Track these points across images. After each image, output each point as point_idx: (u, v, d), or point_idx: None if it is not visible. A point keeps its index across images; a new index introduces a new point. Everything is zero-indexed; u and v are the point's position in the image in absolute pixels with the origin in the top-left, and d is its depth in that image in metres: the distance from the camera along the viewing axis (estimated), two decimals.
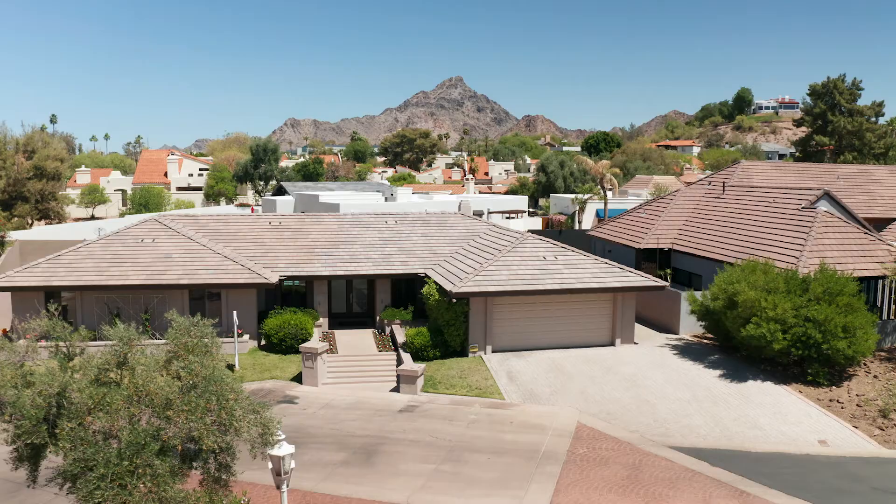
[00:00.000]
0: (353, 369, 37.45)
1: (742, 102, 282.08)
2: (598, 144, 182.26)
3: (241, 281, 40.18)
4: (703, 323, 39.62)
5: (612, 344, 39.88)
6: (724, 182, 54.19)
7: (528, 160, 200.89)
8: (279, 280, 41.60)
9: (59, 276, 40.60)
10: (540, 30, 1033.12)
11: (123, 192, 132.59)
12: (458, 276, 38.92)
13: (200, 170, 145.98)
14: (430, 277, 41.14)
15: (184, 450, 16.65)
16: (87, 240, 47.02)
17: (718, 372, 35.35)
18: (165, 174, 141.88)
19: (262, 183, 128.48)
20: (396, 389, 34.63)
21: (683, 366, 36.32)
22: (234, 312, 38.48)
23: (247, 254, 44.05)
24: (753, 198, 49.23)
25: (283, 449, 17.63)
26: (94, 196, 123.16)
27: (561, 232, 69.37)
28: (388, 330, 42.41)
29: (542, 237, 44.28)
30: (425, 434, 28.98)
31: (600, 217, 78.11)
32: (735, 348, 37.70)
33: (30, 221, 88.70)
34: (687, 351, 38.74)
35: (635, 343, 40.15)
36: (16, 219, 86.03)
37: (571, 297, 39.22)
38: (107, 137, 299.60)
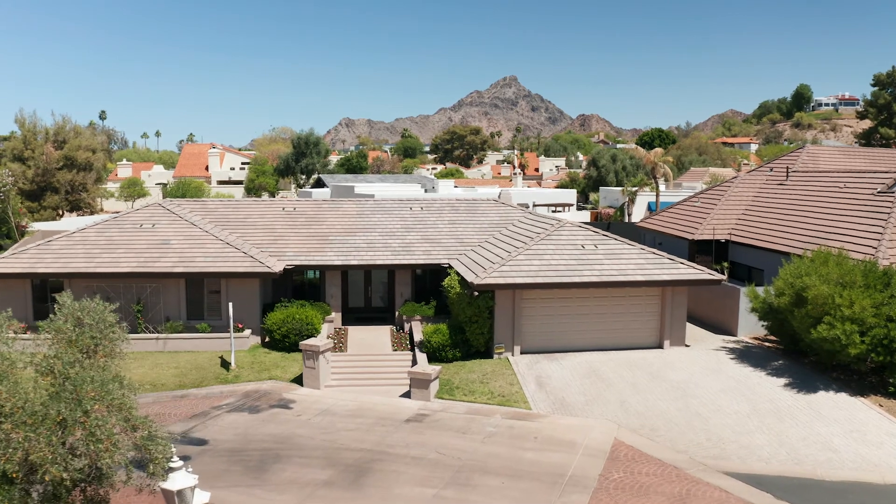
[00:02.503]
0: (362, 370, 33.09)
1: (801, 99, 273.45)
2: (652, 141, 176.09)
3: (241, 269, 36.04)
4: (765, 323, 34.42)
5: (660, 346, 34.89)
6: (787, 167, 48.76)
7: (581, 157, 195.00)
8: (284, 269, 37.37)
9: (46, 262, 36.96)
10: (595, 29, 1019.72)
11: (163, 185, 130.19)
12: (482, 267, 34.27)
13: (243, 164, 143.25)
14: (452, 268, 36.58)
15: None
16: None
17: (783, 380, 30.18)
18: (207, 168, 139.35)
19: (303, 177, 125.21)
20: (408, 395, 30.14)
21: (742, 372, 31.21)
22: (230, 304, 34.28)
23: (254, 241, 39.98)
24: (821, 183, 43.81)
25: (178, 481, 13.10)
26: (133, 189, 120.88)
27: (609, 225, 64.29)
28: (407, 327, 37.96)
29: (581, 225, 39.36)
30: (431, 449, 24.41)
31: (651, 210, 72.73)
32: (802, 353, 32.49)
33: (60, 213, 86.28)
34: (746, 355, 33.59)
35: (686, 345, 35.06)
36: (46, 210, 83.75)
37: (613, 292, 34.35)
38: (157, 135, 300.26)
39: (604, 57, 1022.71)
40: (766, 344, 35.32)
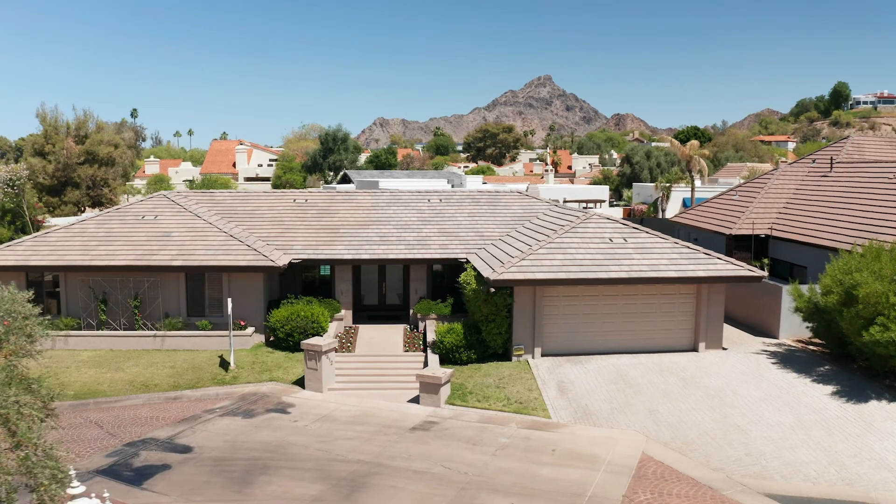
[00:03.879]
0: (370, 373, 30.63)
1: (839, 97, 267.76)
2: (688, 139, 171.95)
3: (243, 263, 33.72)
4: (809, 324, 31.50)
5: (694, 349, 32.07)
6: (831, 158, 45.57)
7: (615, 155, 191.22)
8: (290, 263, 35.04)
9: (41, 254, 35.00)
10: (630, 28, 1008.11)
11: (190, 181, 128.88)
12: (500, 261, 31.67)
13: (271, 160, 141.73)
14: (469, 262, 34.02)
15: None
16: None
17: (830, 388, 27.25)
18: (234, 165, 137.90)
19: (331, 173, 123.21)
20: (417, 400, 27.61)
21: (785, 379, 28.31)
22: (229, 300, 31.90)
23: (261, 233, 37.72)
24: (869, 173, 40.67)
25: None
26: (159, 186, 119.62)
27: (642, 221, 61.52)
28: (421, 326, 35.46)
29: (610, 218, 36.57)
30: (436, 462, 21.86)
31: (686, 206, 69.66)
32: (851, 357, 29.59)
33: (82, 208, 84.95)
34: (789, 360, 30.66)
35: (723, 348, 32.20)
36: (67, 205, 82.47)
37: (643, 289, 31.58)
38: (190, 133, 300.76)
39: (639, 56, 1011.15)
40: (811, 347, 32.39)
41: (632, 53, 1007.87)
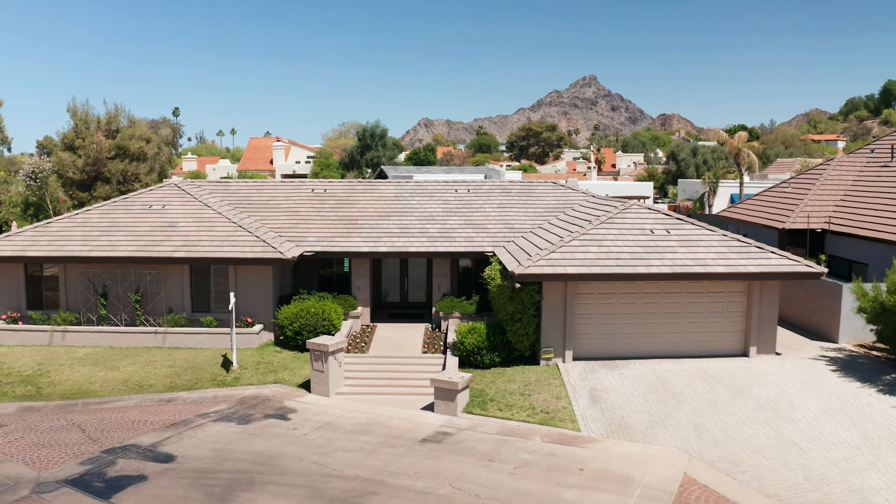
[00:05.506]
0: (383, 376, 27.88)
1: (889, 96, 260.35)
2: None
3: (250, 255, 31.16)
4: (873, 327, 28.18)
5: (745, 354, 28.86)
6: (892, 146, 41.90)
7: (660, 153, 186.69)
8: (303, 256, 32.49)
9: (40, 245, 32.91)
10: (676, 28, 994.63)
11: (226, 178, 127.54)
12: (528, 254, 28.74)
13: (308, 157, 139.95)
14: (495, 256, 31.15)
15: None
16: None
17: None
18: (271, 161, 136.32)
19: (368, 170, 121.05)
20: (431, 407, 24.81)
21: (847, 389, 25.01)
22: (232, 294, 29.30)
23: (274, 224, 35.22)
24: None
25: None
26: None
27: (689, 216, 58.16)
28: (444, 325, 32.67)
29: (651, 207, 33.47)
30: (444, 481, 19.02)
31: (734, 201, 66.07)
32: None
33: None
34: (851, 367, 27.34)
35: (777, 354, 28.91)
36: (97, 200, 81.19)
37: (688, 286, 28.47)
38: (233, 132, 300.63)
39: (685, 57, 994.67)
40: (875, 353, 29.03)
41: (677, 54, 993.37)
